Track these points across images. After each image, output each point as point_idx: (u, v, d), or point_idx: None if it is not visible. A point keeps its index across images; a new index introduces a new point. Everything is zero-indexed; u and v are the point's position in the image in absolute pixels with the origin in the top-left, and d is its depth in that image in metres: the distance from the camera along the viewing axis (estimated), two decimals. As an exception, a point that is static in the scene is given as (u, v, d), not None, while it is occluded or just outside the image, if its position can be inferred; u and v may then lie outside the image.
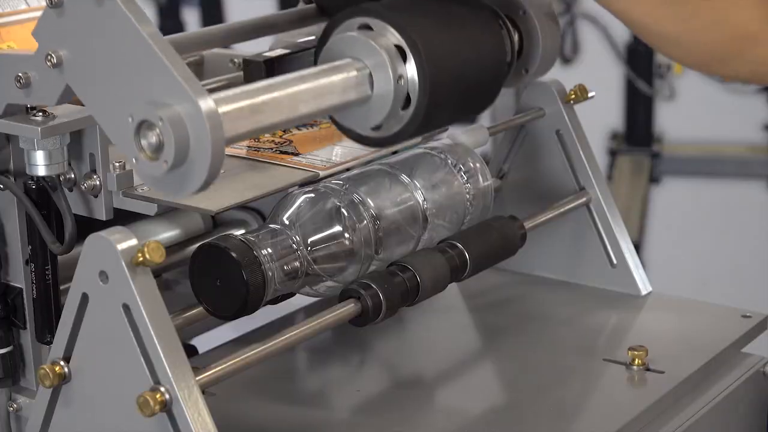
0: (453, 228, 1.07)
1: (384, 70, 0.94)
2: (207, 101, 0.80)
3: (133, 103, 0.82)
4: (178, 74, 0.81)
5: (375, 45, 0.94)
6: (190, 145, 0.81)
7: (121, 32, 0.83)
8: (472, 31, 1.00)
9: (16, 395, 1.00)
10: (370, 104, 0.95)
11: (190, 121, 0.81)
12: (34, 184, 0.93)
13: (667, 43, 1.05)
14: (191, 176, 0.82)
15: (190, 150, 0.81)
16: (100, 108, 0.86)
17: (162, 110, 0.80)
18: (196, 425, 0.82)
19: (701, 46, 1.05)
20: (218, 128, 0.81)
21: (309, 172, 1.01)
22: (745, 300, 1.31)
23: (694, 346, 1.11)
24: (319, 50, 0.97)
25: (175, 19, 3.25)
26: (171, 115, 0.80)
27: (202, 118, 0.80)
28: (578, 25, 3.06)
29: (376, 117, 0.95)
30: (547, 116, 1.21)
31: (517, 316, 1.17)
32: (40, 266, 0.96)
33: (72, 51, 0.86)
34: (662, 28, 1.03)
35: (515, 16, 1.10)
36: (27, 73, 0.89)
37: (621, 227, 1.22)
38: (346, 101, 0.94)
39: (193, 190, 0.82)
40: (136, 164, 0.83)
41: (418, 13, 0.97)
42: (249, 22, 1.10)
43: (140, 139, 0.82)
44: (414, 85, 0.95)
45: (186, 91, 0.80)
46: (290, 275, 0.95)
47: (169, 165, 0.81)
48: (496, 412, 1.03)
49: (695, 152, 3.08)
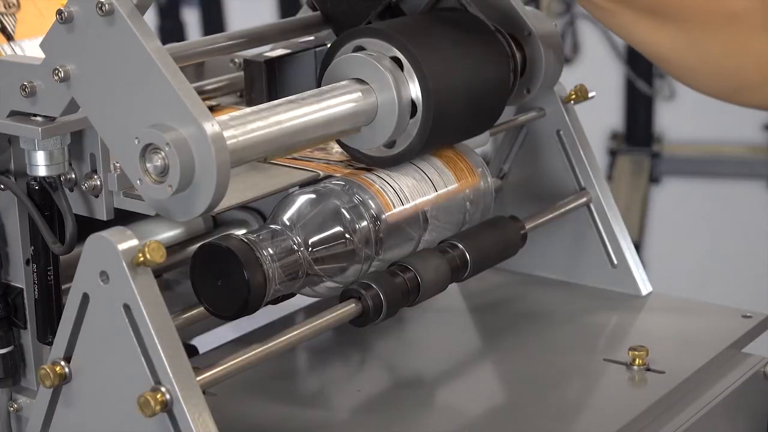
0: (453, 228, 1.07)
1: (388, 91, 0.95)
2: (212, 125, 0.81)
3: (139, 125, 0.84)
4: (184, 97, 0.82)
5: (379, 66, 0.95)
6: (195, 169, 0.82)
7: (130, 52, 0.84)
8: (476, 50, 1.01)
9: (16, 395, 1.00)
10: (375, 125, 0.96)
11: (195, 144, 0.82)
12: (35, 185, 0.93)
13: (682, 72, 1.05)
14: (196, 200, 0.83)
15: (195, 174, 0.82)
16: (106, 126, 0.87)
17: (168, 134, 0.81)
18: (196, 425, 0.82)
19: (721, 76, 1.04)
20: (223, 152, 0.82)
21: (309, 172, 1.01)
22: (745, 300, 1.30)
23: (694, 346, 1.11)
24: (323, 70, 0.98)
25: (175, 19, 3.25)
26: (176, 139, 0.81)
27: (207, 142, 0.81)
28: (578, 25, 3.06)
29: (380, 138, 0.96)
30: (548, 116, 1.21)
31: (517, 316, 1.17)
32: (42, 266, 0.96)
33: (80, 67, 0.87)
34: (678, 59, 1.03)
35: (520, 36, 1.10)
36: (33, 83, 0.90)
37: (621, 227, 1.22)
38: (351, 124, 0.95)
39: (197, 213, 0.84)
40: (140, 186, 0.84)
41: (422, 33, 0.98)
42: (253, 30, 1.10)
43: (145, 163, 0.83)
44: (418, 106, 0.96)
45: (191, 115, 0.81)
46: (291, 275, 0.95)
47: (174, 189, 0.82)
48: (496, 412, 1.03)
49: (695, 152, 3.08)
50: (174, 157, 0.81)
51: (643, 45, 1.04)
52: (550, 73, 1.12)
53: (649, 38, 1.03)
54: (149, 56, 0.83)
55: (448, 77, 0.98)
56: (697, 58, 1.03)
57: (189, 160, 0.82)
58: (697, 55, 1.03)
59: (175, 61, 0.84)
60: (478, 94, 1.01)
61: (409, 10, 1.05)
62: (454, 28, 1.01)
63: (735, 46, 1.02)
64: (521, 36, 1.11)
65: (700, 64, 1.03)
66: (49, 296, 0.96)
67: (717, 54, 1.02)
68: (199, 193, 0.83)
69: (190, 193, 0.83)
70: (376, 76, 0.95)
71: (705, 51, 1.02)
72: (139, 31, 0.84)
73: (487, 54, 1.02)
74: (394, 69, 0.96)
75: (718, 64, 1.03)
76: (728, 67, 1.03)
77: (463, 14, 1.05)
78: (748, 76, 1.03)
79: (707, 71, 1.04)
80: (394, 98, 0.95)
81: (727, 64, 1.03)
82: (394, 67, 0.96)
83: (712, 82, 1.05)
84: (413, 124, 0.97)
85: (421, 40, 0.97)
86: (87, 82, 0.87)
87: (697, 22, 1.01)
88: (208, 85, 1.18)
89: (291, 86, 1.10)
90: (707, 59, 1.03)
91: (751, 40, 1.02)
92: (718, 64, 1.03)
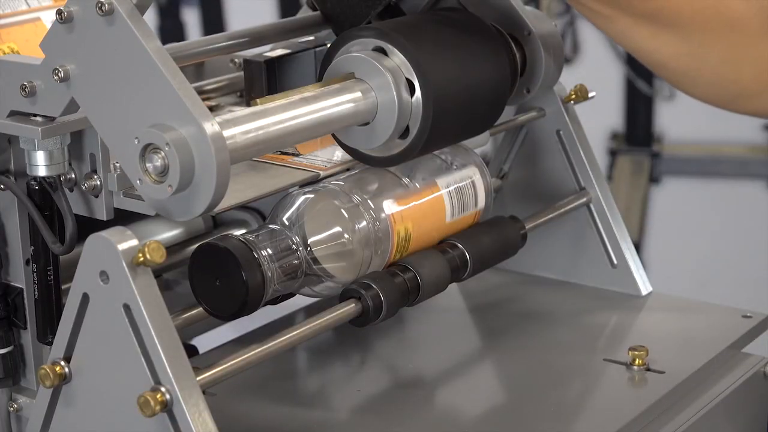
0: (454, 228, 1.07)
1: (388, 90, 0.95)
2: (212, 125, 0.81)
3: (139, 125, 0.84)
4: (184, 97, 0.82)
5: (379, 66, 0.95)
6: (195, 168, 0.82)
7: (130, 52, 0.84)
8: (476, 50, 1.01)
9: (16, 395, 1.00)
10: (374, 125, 0.96)
11: (195, 144, 0.82)
12: (35, 185, 0.93)
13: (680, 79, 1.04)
14: (196, 199, 0.83)
15: (195, 174, 0.82)
16: (105, 126, 0.87)
17: (168, 134, 0.81)
18: (196, 425, 0.82)
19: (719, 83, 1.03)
20: (223, 151, 0.82)
21: (309, 172, 1.01)
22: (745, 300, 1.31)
23: (694, 346, 1.11)
24: (323, 70, 0.98)
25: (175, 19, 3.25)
26: (176, 138, 0.81)
27: (207, 142, 0.81)
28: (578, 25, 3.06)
29: (379, 137, 0.96)
30: (548, 116, 1.21)
31: (517, 316, 1.17)
32: (42, 267, 0.96)
33: (80, 67, 0.87)
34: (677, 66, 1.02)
35: (519, 36, 1.10)
36: (32, 83, 0.90)
37: (621, 227, 1.22)
38: (351, 123, 0.95)
39: (197, 213, 0.84)
40: (140, 186, 0.84)
41: (422, 33, 0.98)
42: (254, 30, 1.10)
43: (145, 163, 0.83)
44: (418, 106, 0.96)
45: (191, 115, 0.81)
46: (290, 275, 0.95)
47: (174, 189, 0.82)
48: (496, 412, 1.03)
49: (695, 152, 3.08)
50: (174, 156, 0.81)
51: (641, 51, 1.04)
52: (550, 72, 1.12)
53: (648, 45, 1.02)
54: (149, 56, 0.83)
55: (448, 76, 0.98)
56: (696, 65, 1.02)
57: (189, 159, 0.82)
58: (696, 63, 1.02)
59: (175, 61, 0.84)
60: (477, 93, 1.01)
61: (408, 9, 1.05)
62: (454, 28, 1.01)
63: (734, 53, 1.02)
64: (521, 36, 1.11)
65: (698, 71, 1.03)
66: (48, 296, 0.96)
67: (716, 61, 1.02)
68: (199, 193, 0.83)
69: (190, 192, 0.83)
70: (376, 76, 0.95)
71: (704, 58, 1.02)
72: (138, 30, 0.84)
73: (486, 53, 1.02)
74: (393, 68, 0.96)
75: (716, 71, 1.03)
76: (727, 75, 1.03)
77: (462, 14, 1.05)
78: (747, 84, 1.03)
79: (706, 78, 1.03)
80: (393, 98, 0.95)
81: (726, 71, 1.03)
82: (393, 67, 0.96)
83: (711, 89, 1.05)
84: (413, 123, 0.97)
85: (421, 39, 0.97)
86: (87, 82, 0.87)
87: (696, 28, 1.01)
88: (208, 85, 1.18)
89: (291, 86, 1.10)
90: (706, 66, 1.02)
91: (749, 48, 1.01)
92: (717, 71, 1.03)
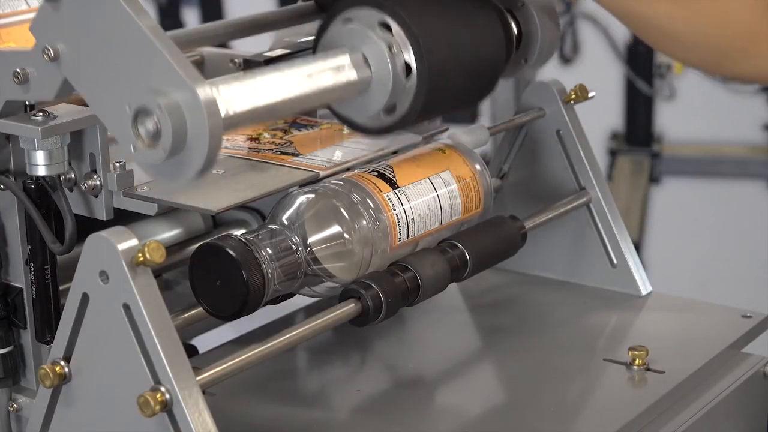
0: (453, 228, 1.07)
1: (382, 59, 0.94)
2: (204, 88, 0.80)
3: (130, 92, 0.83)
4: (174, 62, 0.81)
5: (372, 35, 0.94)
6: (187, 132, 0.81)
7: (118, 23, 0.83)
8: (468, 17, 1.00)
9: (16, 395, 1.00)
10: (369, 92, 0.95)
11: (188, 108, 0.81)
12: (34, 184, 0.93)
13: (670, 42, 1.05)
14: (189, 163, 0.82)
15: (188, 137, 0.81)
16: (97, 98, 0.86)
17: (159, 97, 0.80)
18: (196, 425, 0.82)
19: (704, 44, 1.04)
20: (215, 115, 0.81)
21: (309, 172, 1.01)
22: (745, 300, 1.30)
23: (694, 346, 1.11)
24: (317, 42, 0.97)
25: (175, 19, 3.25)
26: (168, 102, 0.80)
27: (200, 105, 0.80)
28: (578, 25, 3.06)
29: (375, 105, 0.95)
30: (548, 116, 1.21)
31: (517, 316, 1.17)
32: (39, 266, 0.96)
33: (69, 44, 0.86)
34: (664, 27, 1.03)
35: (514, 8, 1.10)
36: (25, 69, 0.89)
37: (621, 227, 1.22)
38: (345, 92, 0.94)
39: (190, 176, 0.82)
40: (134, 152, 0.83)
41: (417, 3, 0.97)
42: (247, 18, 1.10)
43: (138, 127, 0.82)
44: (412, 73, 0.95)
45: (183, 79, 0.80)
46: (290, 275, 0.95)
47: (167, 152, 0.81)
48: (496, 412, 1.03)
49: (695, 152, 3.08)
50: (166, 119, 0.80)
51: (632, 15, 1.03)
52: (546, 42, 1.11)
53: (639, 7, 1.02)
54: (137, 23, 0.82)
55: (442, 43, 0.96)
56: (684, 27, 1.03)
57: (181, 122, 0.80)
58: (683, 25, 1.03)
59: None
60: (472, 60, 1.00)
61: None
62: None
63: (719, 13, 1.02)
64: (516, 8, 1.10)
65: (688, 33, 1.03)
66: (47, 295, 0.96)
67: (703, 22, 1.02)
68: (191, 156, 0.81)
69: (183, 156, 0.81)
70: (369, 45, 0.94)
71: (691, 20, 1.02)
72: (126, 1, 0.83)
73: (480, 20, 1.00)
74: (386, 37, 0.94)
75: (703, 32, 1.03)
76: (712, 35, 1.03)
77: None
78: (730, 44, 1.03)
79: (693, 40, 1.04)
80: (388, 66, 0.94)
81: (712, 32, 1.03)
82: (386, 35, 0.94)
83: (696, 51, 1.05)
84: (408, 92, 0.96)
85: (413, 7, 0.96)
86: (77, 58, 0.86)
87: None
88: (207, 85, 1.17)
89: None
90: (695, 28, 1.03)
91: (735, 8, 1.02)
92: (704, 32, 1.03)
